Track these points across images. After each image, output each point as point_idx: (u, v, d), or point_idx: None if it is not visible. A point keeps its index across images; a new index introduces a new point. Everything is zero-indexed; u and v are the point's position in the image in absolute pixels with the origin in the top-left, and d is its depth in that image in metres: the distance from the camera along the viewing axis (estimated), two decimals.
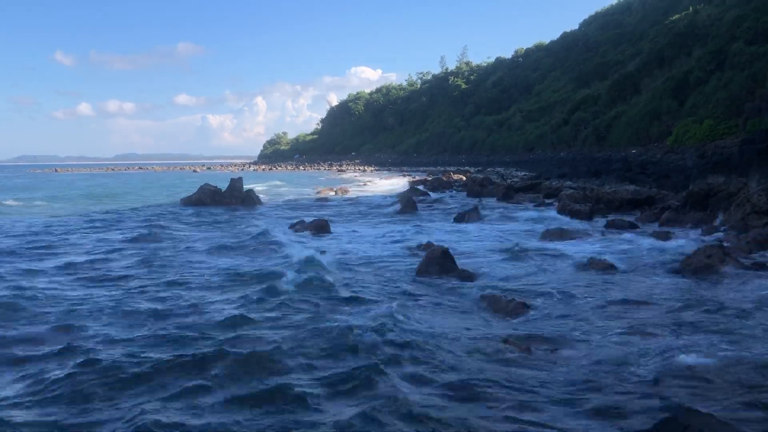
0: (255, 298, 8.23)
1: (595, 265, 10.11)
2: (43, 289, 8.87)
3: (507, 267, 10.58)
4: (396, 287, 9.03)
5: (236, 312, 7.43)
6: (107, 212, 23.21)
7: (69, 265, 10.94)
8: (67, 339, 6.49)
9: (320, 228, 15.98)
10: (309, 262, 10.16)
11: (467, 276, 9.72)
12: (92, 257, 11.88)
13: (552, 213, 18.85)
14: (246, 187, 26.71)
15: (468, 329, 6.87)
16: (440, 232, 15.48)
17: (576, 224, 15.55)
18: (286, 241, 13.18)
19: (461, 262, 10.35)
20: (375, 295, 8.42)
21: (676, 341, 6.19)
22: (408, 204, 21.86)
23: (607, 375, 5.38)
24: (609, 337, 6.49)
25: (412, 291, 8.80)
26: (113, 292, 8.73)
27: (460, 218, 18.01)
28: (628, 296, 8.20)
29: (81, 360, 5.64)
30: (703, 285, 8.71)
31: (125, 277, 9.90)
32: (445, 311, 7.79)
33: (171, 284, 9.24)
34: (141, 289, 8.96)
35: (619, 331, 6.67)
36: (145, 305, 7.93)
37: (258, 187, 32.28)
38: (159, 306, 7.90)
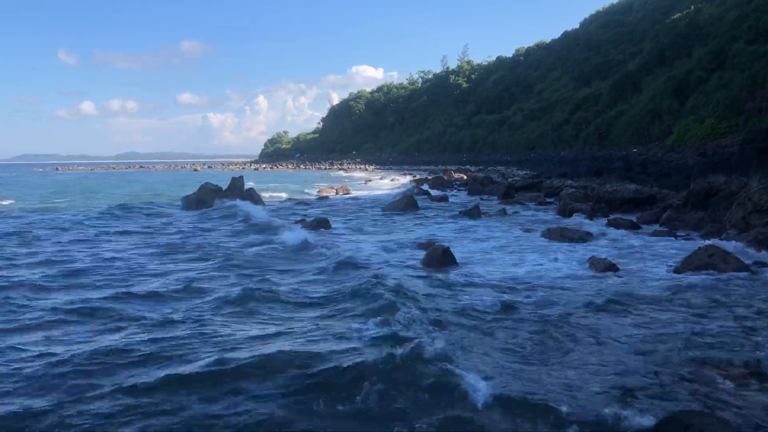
0: None
1: (595, 264, 10.08)
2: None
3: (506, 265, 10.59)
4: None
5: None
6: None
7: None
8: None
9: (321, 225, 16.07)
10: None
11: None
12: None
13: (552, 212, 18.87)
14: (246, 185, 26.66)
15: None
16: (441, 230, 15.52)
17: (577, 223, 15.56)
18: None
19: (460, 258, 10.35)
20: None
21: (678, 340, 6.22)
22: (409, 202, 21.86)
23: (610, 374, 5.40)
24: (609, 335, 6.51)
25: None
26: None
27: (461, 216, 18.04)
28: (629, 295, 8.20)
29: None
30: (703, 284, 8.71)
31: None
32: None
33: None
34: None
35: (619, 329, 6.69)
36: None
37: (259, 186, 32.23)
38: None
